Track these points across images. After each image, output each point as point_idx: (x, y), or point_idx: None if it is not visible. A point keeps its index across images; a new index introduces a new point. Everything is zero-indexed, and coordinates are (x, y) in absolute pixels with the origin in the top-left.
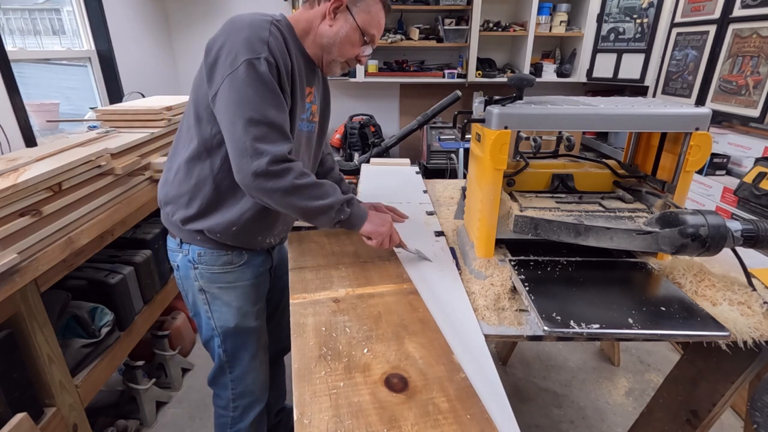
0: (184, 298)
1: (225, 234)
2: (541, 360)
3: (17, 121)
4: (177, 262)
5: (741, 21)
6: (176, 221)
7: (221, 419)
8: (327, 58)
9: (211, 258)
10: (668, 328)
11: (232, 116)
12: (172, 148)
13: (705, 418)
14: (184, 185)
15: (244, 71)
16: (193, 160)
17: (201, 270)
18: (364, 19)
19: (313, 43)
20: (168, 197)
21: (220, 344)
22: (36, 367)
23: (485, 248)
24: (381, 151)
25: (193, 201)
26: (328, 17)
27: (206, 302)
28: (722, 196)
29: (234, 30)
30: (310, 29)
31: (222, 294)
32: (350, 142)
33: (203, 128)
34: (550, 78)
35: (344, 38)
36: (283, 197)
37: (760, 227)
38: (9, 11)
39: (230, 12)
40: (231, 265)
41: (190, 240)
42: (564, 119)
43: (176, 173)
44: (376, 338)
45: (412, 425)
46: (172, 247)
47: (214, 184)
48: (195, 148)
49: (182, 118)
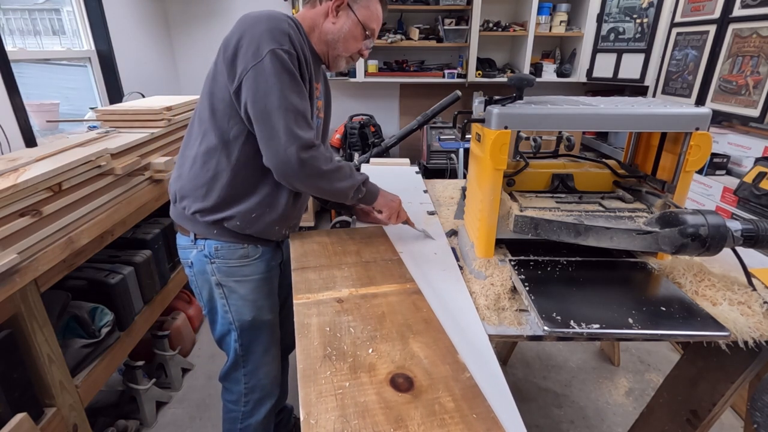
0: (197, 295)
1: (244, 221)
2: (541, 360)
3: (17, 121)
4: (191, 258)
5: (741, 21)
6: (193, 214)
7: (231, 414)
8: (333, 54)
9: (228, 252)
10: (668, 328)
11: (263, 105)
12: (184, 143)
13: (705, 418)
14: (200, 177)
15: (270, 61)
16: (209, 152)
17: (218, 264)
18: (365, 14)
19: (319, 40)
20: (184, 191)
21: (237, 338)
22: (36, 367)
23: (485, 248)
24: (381, 151)
25: (210, 192)
26: (331, 15)
27: (223, 296)
28: (722, 196)
29: (251, 24)
30: (315, 27)
31: (239, 287)
32: (350, 142)
33: (219, 121)
34: (550, 78)
35: (347, 34)
36: (314, 181)
37: (760, 227)
38: (9, 11)
39: (230, 12)
40: (247, 258)
41: (206, 234)
42: (564, 119)
43: (191, 167)
44: (381, 338)
45: (418, 425)
46: (185, 244)
47: (232, 174)
48: (212, 141)
49: (193, 114)
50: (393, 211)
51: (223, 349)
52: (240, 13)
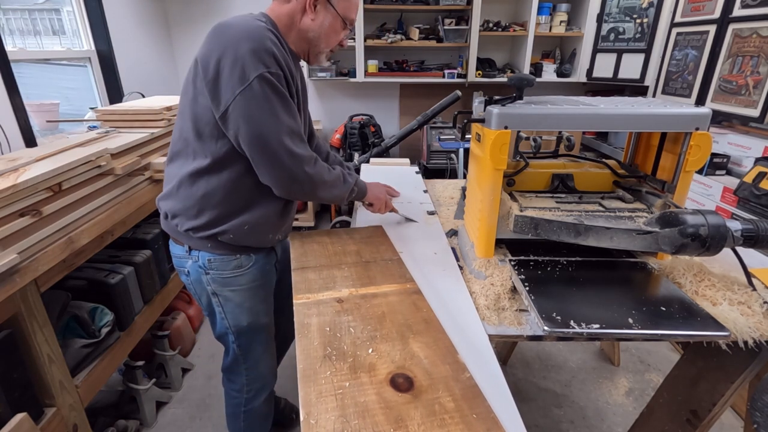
0: (196, 299)
1: (237, 234)
2: (541, 360)
3: (17, 122)
4: (187, 267)
5: (741, 21)
6: (186, 231)
7: (234, 400)
8: (314, 51)
9: (222, 264)
10: (668, 328)
11: (257, 131)
12: (170, 158)
13: (705, 418)
14: (190, 198)
15: (258, 86)
16: (199, 173)
17: (213, 275)
18: (344, 6)
19: (298, 38)
20: (174, 210)
21: (234, 340)
22: (36, 367)
23: (485, 248)
24: (381, 151)
25: (202, 212)
26: (309, 11)
27: (219, 304)
28: (722, 196)
29: (231, 41)
30: (292, 25)
31: (234, 296)
32: (350, 142)
33: (207, 142)
34: (550, 78)
35: (329, 29)
36: (316, 192)
37: (760, 227)
38: (9, 11)
39: (230, 12)
40: (241, 269)
41: (199, 247)
42: (564, 119)
43: (179, 187)
44: (381, 338)
45: (418, 425)
46: (180, 254)
47: (223, 193)
48: (201, 162)
49: (176, 127)
50: (381, 202)
51: (224, 345)
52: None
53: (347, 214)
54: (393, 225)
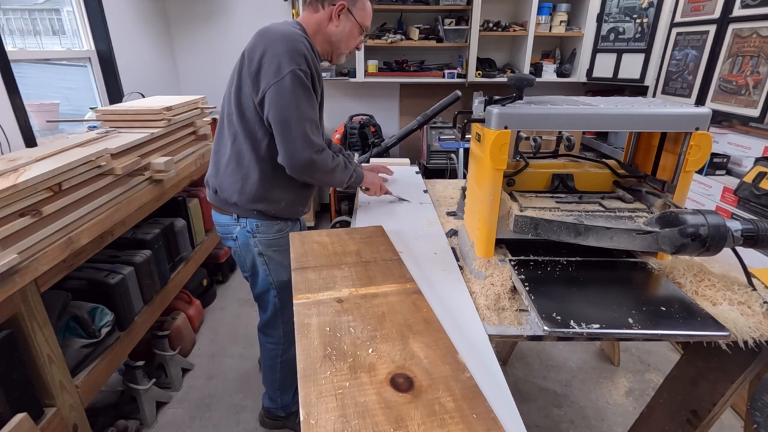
0: (240, 263)
1: (275, 209)
2: (541, 360)
3: (17, 122)
4: (235, 233)
5: (741, 21)
6: (235, 202)
7: (272, 352)
8: (336, 52)
9: (267, 228)
10: (668, 328)
11: (283, 116)
12: (216, 141)
13: (705, 418)
14: (236, 173)
15: (290, 80)
16: (241, 152)
17: (259, 238)
18: (361, 15)
19: (323, 40)
20: (223, 186)
21: (276, 295)
22: (36, 367)
23: (485, 248)
24: (381, 151)
25: (245, 187)
26: (334, 19)
27: (265, 263)
28: (722, 195)
29: (272, 41)
30: (318, 30)
31: (276, 255)
32: (350, 142)
33: (248, 124)
34: (550, 78)
35: (348, 34)
36: (322, 176)
37: (760, 227)
38: (9, 11)
39: (230, 12)
40: (282, 232)
41: (247, 215)
42: (564, 119)
43: (227, 165)
44: (381, 338)
45: (418, 425)
46: (227, 222)
47: (260, 171)
48: (242, 142)
49: (221, 115)
50: (376, 186)
51: (262, 305)
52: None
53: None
54: (393, 225)
